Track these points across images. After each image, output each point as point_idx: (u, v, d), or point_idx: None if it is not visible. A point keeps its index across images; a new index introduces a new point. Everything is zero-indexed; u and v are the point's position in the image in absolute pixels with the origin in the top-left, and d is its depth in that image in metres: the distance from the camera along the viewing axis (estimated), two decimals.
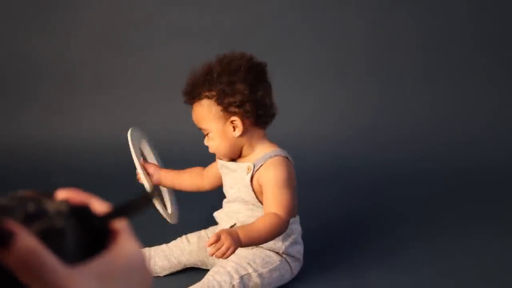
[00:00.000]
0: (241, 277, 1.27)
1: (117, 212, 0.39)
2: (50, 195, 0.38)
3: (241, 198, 1.34)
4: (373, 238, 1.62)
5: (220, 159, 1.37)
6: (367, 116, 2.41)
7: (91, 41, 2.50)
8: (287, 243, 1.36)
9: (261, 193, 1.32)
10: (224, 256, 1.16)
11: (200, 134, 1.37)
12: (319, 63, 2.47)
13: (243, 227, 1.25)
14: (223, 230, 1.19)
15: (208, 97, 1.30)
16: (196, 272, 1.43)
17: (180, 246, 1.44)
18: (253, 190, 1.32)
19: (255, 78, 1.29)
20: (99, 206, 0.39)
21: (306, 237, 1.43)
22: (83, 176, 2.09)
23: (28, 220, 0.34)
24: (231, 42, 2.20)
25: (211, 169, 1.46)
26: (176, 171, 1.46)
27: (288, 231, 1.35)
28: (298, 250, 1.39)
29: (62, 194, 0.39)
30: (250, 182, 1.31)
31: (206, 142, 1.35)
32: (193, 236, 1.46)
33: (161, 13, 2.48)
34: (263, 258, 1.33)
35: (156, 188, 1.44)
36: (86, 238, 0.37)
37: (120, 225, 0.39)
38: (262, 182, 1.30)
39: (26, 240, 0.32)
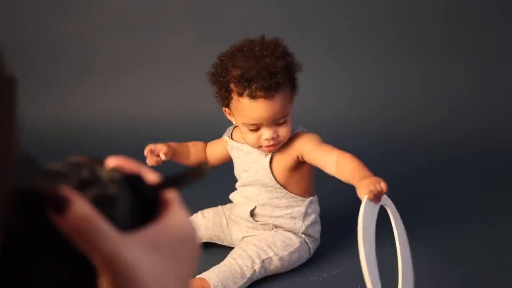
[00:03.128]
0: (263, 261, 1.27)
1: (168, 182, 0.39)
2: (101, 161, 0.38)
3: (259, 181, 1.33)
4: (388, 218, 1.62)
5: (270, 149, 1.29)
6: (384, 95, 2.38)
7: (108, 22, 2.49)
8: (307, 222, 1.36)
9: (282, 174, 1.31)
10: (383, 186, 1.07)
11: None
12: (334, 43, 2.44)
13: (359, 170, 1.14)
14: (365, 181, 1.08)
15: (287, 85, 1.25)
16: (213, 249, 1.44)
17: (195, 220, 1.45)
18: (272, 172, 1.31)
19: None
20: (149, 175, 0.39)
21: (322, 216, 1.43)
22: (99, 155, 2.10)
23: (82, 186, 0.34)
24: (245, 23, 2.19)
25: (216, 147, 1.43)
26: (179, 143, 1.40)
27: (308, 210, 1.35)
28: (317, 230, 1.39)
29: (112, 161, 0.39)
30: (269, 163, 1.31)
31: (281, 131, 1.26)
32: (209, 211, 1.47)
33: None
34: (284, 241, 1.33)
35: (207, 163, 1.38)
36: (137, 206, 0.37)
37: (171, 195, 0.39)
38: (301, 151, 1.28)
39: (81, 206, 0.32)
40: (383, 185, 1.07)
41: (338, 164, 1.19)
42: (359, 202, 1.60)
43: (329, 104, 2.36)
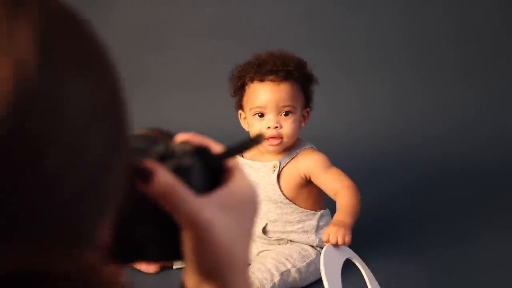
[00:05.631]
0: (281, 274, 1.26)
1: (230, 152, 0.45)
2: (171, 135, 0.44)
3: (268, 197, 1.34)
4: (402, 231, 1.62)
5: (273, 143, 1.30)
6: (391, 112, 2.38)
7: (121, 39, 2.51)
8: (320, 235, 1.35)
9: (290, 190, 1.32)
10: (346, 240, 1.15)
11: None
12: (342, 61, 2.44)
13: (341, 212, 1.22)
14: (331, 228, 1.17)
15: (297, 82, 1.29)
16: None
17: None
18: (280, 187, 1.32)
19: None
20: (215, 147, 0.45)
21: None
22: None
23: (162, 159, 0.40)
24: (260, 40, 2.20)
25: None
26: None
27: (320, 223, 1.36)
28: None
29: (182, 136, 0.45)
30: (276, 180, 1.31)
31: (284, 123, 1.28)
32: None
33: (192, 11, 2.47)
34: (300, 253, 1.33)
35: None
36: (207, 173, 0.43)
37: (233, 163, 0.44)
38: (309, 172, 1.31)
39: (164, 176, 0.38)
40: (347, 239, 1.15)
41: (336, 196, 1.27)
42: (373, 214, 1.59)
43: (337, 120, 2.36)
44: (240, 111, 1.35)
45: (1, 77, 0.25)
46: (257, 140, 0.45)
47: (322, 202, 1.39)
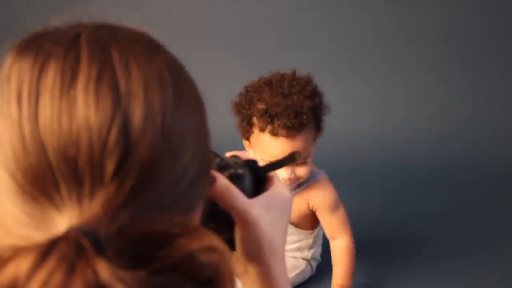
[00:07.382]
0: None
1: (272, 165, 0.58)
2: (216, 153, 0.54)
3: None
4: (385, 235, 1.66)
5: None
6: (381, 112, 2.39)
7: None
8: (312, 250, 1.43)
9: (295, 217, 1.33)
10: None
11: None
12: (331, 60, 2.43)
13: (338, 278, 1.30)
14: None
15: (312, 126, 1.21)
16: None
17: None
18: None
19: None
20: (259, 161, 0.58)
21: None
22: None
23: (220, 169, 0.52)
24: (242, 39, 2.14)
25: None
26: None
27: (315, 239, 1.42)
28: (319, 251, 1.47)
29: (230, 154, 0.58)
30: None
31: (299, 171, 1.24)
32: None
33: (173, 9, 2.47)
34: (290, 262, 1.40)
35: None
36: (254, 181, 0.56)
37: (273, 174, 0.58)
38: (316, 207, 1.32)
39: (222, 181, 0.50)
40: None
41: (335, 251, 1.34)
42: (357, 218, 1.61)
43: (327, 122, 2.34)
44: (245, 141, 1.29)
45: (155, 109, 0.35)
46: (292, 157, 0.61)
47: (317, 220, 1.39)
